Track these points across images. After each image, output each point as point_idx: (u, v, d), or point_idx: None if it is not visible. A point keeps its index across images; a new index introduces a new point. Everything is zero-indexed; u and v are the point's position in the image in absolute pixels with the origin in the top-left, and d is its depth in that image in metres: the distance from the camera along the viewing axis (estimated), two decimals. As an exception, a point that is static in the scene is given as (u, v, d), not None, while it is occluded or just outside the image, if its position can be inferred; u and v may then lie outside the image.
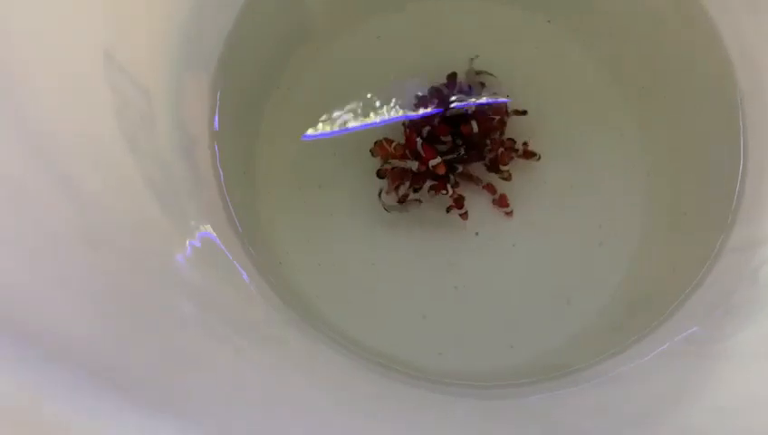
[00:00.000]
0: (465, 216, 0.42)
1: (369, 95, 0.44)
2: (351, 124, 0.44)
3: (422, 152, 0.41)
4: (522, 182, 0.43)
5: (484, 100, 0.43)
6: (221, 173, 0.41)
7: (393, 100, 0.44)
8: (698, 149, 0.43)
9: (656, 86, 0.44)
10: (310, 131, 0.43)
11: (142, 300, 0.27)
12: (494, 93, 0.43)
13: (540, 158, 0.42)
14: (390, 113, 0.44)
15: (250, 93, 0.43)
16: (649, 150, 0.43)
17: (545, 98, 0.44)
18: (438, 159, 0.41)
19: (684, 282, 0.40)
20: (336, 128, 0.44)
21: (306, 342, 0.37)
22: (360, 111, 0.44)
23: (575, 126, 0.43)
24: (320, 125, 0.43)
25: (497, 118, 0.43)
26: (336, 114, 0.44)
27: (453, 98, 0.43)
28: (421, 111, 0.43)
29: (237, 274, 0.37)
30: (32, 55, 0.28)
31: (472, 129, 0.42)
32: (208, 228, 0.37)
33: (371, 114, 0.44)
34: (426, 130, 0.42)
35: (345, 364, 0.37)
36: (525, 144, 0.42)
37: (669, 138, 0.43)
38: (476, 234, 0.42)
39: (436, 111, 0.43)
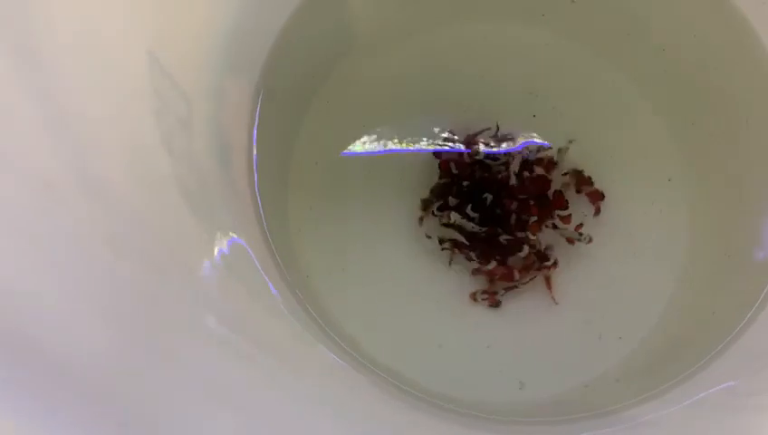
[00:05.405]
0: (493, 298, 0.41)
1: (412, 116, 0.43)
2: (391, 145, 0.43)
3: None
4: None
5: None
6: (256, 182, 0.40)
7: (438, 126, 0.43)
8: (746, 189, 0.41)
9: (706, 123, 0.42)
10: (348, 147, 0.43)
11: (164, 314, 0.26)
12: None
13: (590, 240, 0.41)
14: (434, 140, 0.43)
15: (291, 103, 0.43)
16: (694, 189, 0.42)
17: (590, 133, 0.43)
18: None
19: (725, 327, 0.39)
20: (375, 146, 0.43)
21: (330, 361, 0.36)
22: (401, 132, 0.43)
23: (618, 163, 0.42)
24: (358, 142, 0.43)
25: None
26: (376, 132, 0.43)
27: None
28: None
29: (266, 287, 0.36)
30: (75, 53, 0.28)
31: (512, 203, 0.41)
32: (239, 237, 0.37)
33: (412, 137, 0.43)
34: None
35: (372, 391, 0.36)
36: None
37: (716, 177, 0.42)
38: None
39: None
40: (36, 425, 0.17)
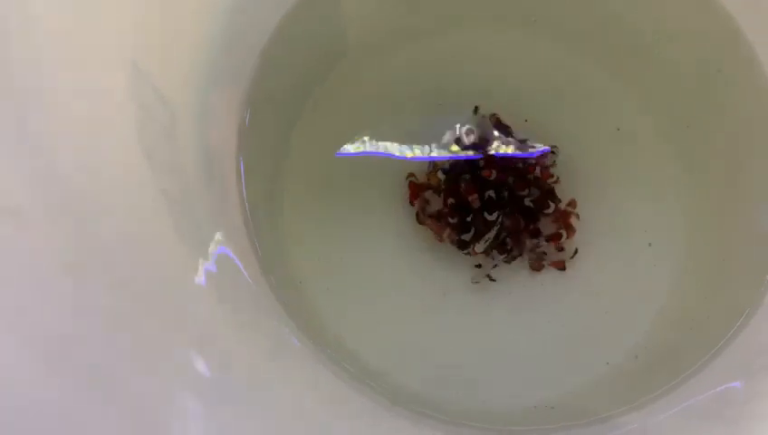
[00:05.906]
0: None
1: (407, 119, 0.43)
2: (387, 148, 0.42)
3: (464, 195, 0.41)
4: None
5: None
6: (245, 193, 0.40)
7: (431, 130, 0.43)
8: (746, 189, 0.41)
9: (702, 125, 0.42)
10: (343, 150, 0.42)
11: (148, 332, 0.25)
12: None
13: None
14: (426, 145, 0.43)
15: (280, 112, 0.42)
16: (694, 189, 0.41)
17: (587, 135, 0.42)
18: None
19: (721, 330, 0.38)
20: (370, 149, 0.42)
21: (324, 371, 0.36)
22: (396, 134, 0.43)
23: (617, 163, 0.42)
24: (353, 145, 0.42)
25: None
26: (371, 135, 0.42)
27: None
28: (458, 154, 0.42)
29: (256, 298, 0.36)
30: (55, 60, 0.28)
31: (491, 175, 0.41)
32: (227, 247, 0.36)
33: (408, 140, 0.43)
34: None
35: (364, 399, 0.36)
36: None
37: (715, 177, 0.41)
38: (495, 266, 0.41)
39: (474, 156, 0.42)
40: None
